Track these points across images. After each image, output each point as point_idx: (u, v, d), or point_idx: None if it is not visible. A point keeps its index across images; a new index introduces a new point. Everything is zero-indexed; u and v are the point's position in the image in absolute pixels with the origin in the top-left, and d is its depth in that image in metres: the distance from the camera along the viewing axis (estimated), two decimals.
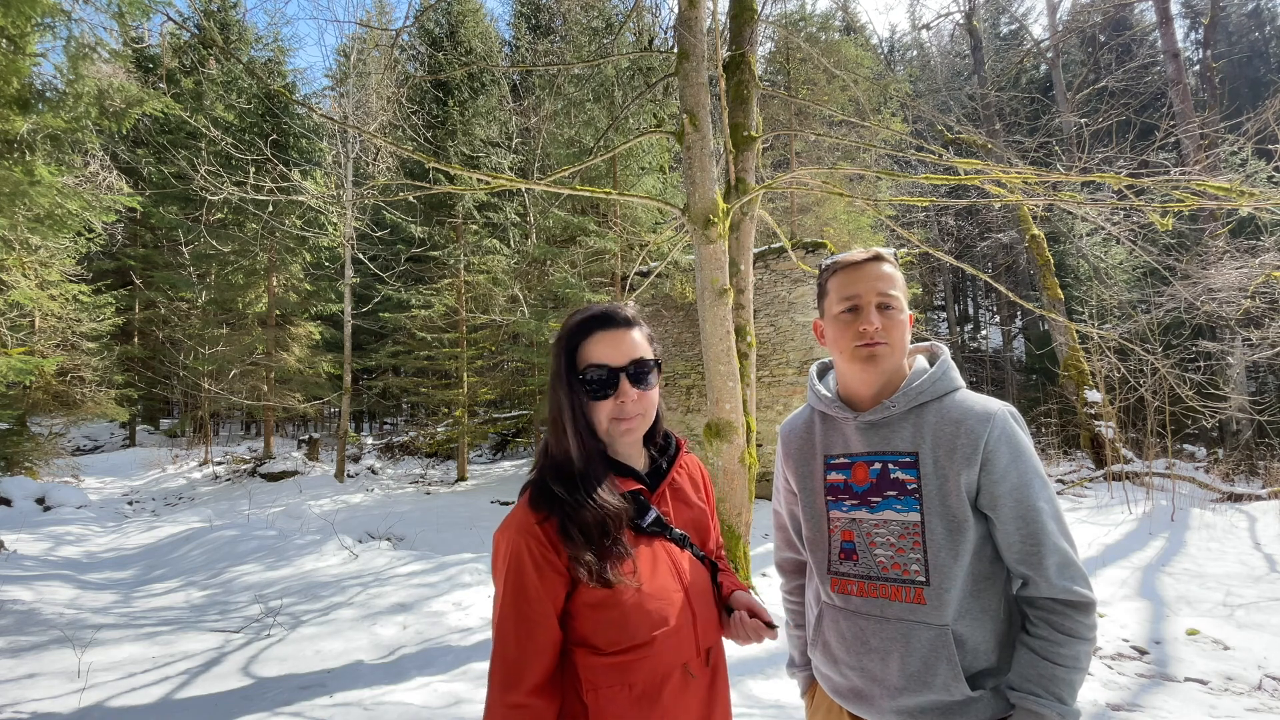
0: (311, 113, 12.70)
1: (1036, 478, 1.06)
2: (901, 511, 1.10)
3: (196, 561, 6.20)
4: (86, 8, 6.35)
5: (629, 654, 0.97)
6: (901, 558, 1.09)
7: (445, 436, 13.69)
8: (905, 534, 1.09)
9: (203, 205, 11.02)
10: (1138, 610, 4.60)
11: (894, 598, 1.09)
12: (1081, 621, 1.02)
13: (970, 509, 1.06)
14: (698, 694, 1.03)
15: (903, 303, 1.15)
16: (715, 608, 1.11)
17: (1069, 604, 1.02)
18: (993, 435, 1.06)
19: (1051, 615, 1.03)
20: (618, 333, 1.03)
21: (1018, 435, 1.08)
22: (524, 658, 0.95)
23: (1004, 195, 4.35)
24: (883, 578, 1.11)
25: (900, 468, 1.11)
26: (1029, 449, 1.08)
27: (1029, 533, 1.04)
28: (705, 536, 1.17)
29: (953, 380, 1.15)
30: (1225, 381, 10.65)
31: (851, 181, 12.99)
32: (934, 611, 1.06)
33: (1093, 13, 16.29)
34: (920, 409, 1.13)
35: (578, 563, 0.95)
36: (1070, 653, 1.01)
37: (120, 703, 3.12)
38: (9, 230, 6.81)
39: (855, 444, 1.18)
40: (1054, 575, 1.03)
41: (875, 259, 1.16)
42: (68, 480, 11.06)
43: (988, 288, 23.85)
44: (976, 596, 1.07)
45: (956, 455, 1.07)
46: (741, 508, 4.50)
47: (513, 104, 12.28)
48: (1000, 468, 1.05)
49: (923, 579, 1.07)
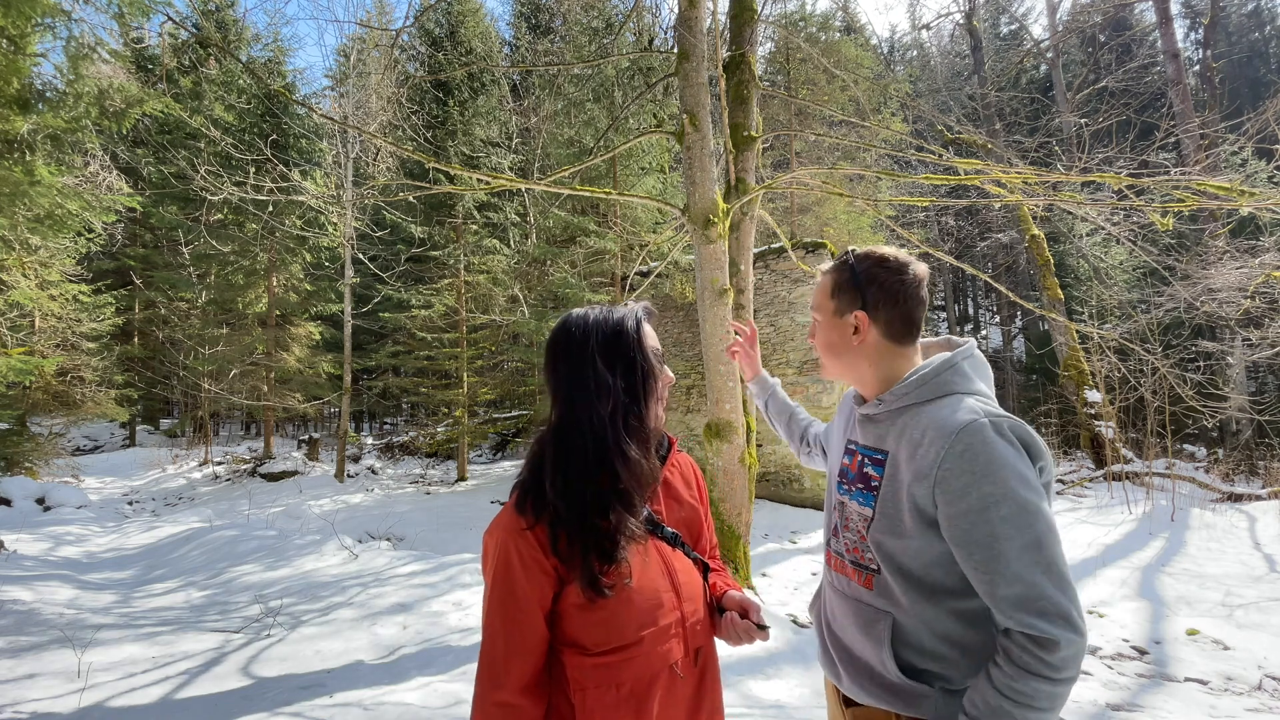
0: (311, 113, 12.71)
1: (1003, 502, 0.96)
2: (862, 505, 1.16)
3: (196, 562, 6.20)
4: (86, 8, 6.35)
5: (617, 654, 0.97)
6: (861, 544, 1.15)
7: (445, 436, 13.69)
8: (863, 525, 1.15)
9: (203, 205, 11.01)
10: (1137, 610, 4.60)
11: (852, 578, 1.17)
12: (1040, 657, 0.92)
13: (915, 522, 1.05)
14: (685, 693, 1.03)
15: (823, 305, 1.24)
16: (706, 608, 1.11)
17: (1027, 637, 0.94)
18: (950, 454, 0.99)
19: (1012, 647, 0.96)
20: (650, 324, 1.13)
21: (985, 454, 0.98)
22: (510, 657, 0.96)
23: (1004, 195, 4.35)
24: (849, 560, 1.19)
25: (873, 464, 1.16)
26: (1001, 468, 0.97)
27: (980, 561, 0.97)
28: (697, 535, 1.18)
29: (942, 385, 1.10)
30: (1225, 381, 10.66)
31: (851, 181, 13.00)
32: (879, 598, 1.11)
33: (1093, 13, 16.29)
34: (904, 411, 1.13)
35: (572, 568, 0.96)
36: (1023, 689, 0.93)
37: (120, 703, 3.12)
38: (9, 230, 6.81)
39: (858, 434, 1.24)
40: (1010, 608, 0.95)
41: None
42: (68, 480, 11.06)
43: (988, 288, 23.85)
44: (932, 602, 1.06)
45: (914, 466, 1.05)
46: (741, 508, 4.50)
47: (513, 104, 12.29)
48: (955, 490, 0.99)
49: (875, 567, 1.12)
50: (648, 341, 1.08)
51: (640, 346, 1.07)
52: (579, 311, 1.08)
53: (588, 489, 0.98)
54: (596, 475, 0.99)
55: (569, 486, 0.98)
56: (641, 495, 1.02)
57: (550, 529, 0.97)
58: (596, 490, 0.99)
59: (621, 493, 0.99)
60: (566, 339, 1.05)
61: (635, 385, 1.05)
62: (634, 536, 0.99)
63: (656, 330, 1.16)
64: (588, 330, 1.05)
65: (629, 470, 1.00)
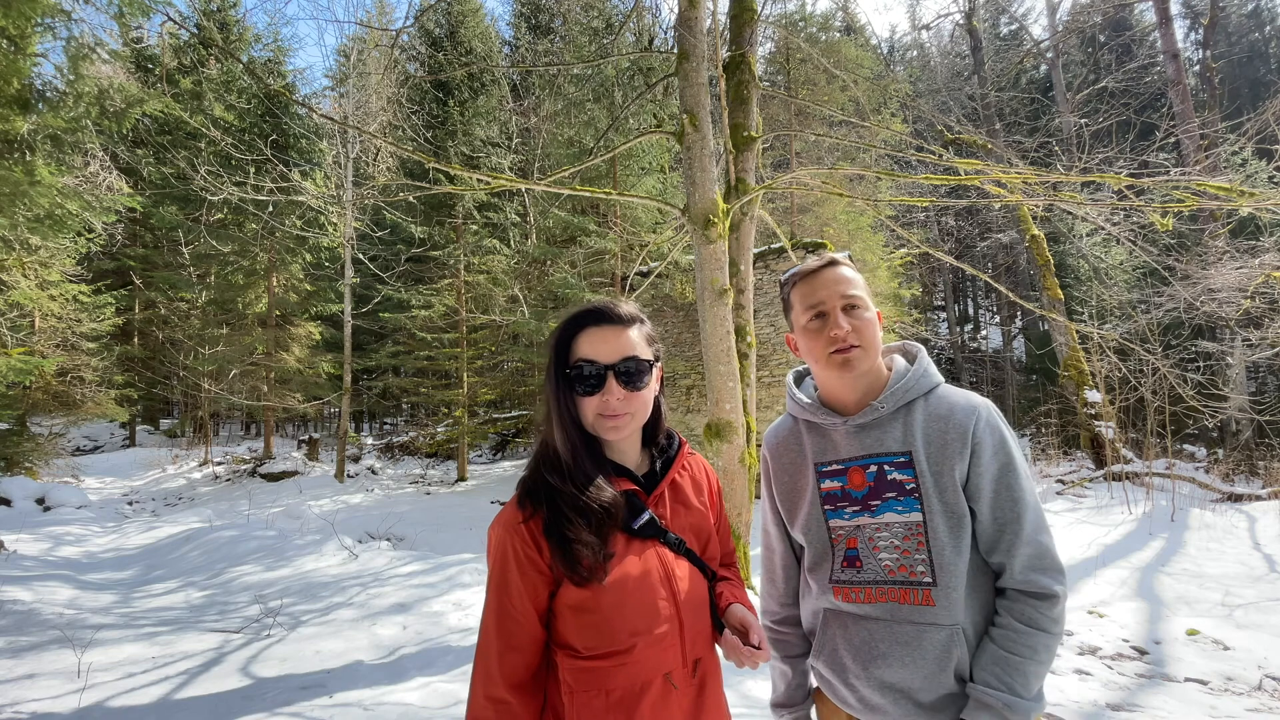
0: (311, 113, 12.70)
1: (1018, 468, 1.08)
2: (903, 512, 1.09)
3: (196, 562, 6.20)
4: (86, 8, 6.36)
5: (607, 659, 0.95)
6: (907, 559, 1.08)
7: (445, 436, 13.69)
8: (909, 535, 1.08)
9: (203, 205, 11.01)
10: (1137, 610, 4.60)
11: (902, 600, 1.08)
12: (1044, 613, 1.02)
13: (965, 502, 1.07)
14: (681, 706, 0.99)
15: (867, 301, 1.15)
16: (708, 617, 1.07)
17: (1033, 594, 1.03)
18: (979, 425, 1.08)
19: (1014, 605, 1.04)
20: (610, 329, 1.02)
21: (1001, 427, 1.10)
22: (503, 653, 0.96)
23: (1004, 195, 4.35)
24: (889, 581, 1.09)
25: (896, 468, 1.10)
26: (1012, 440, 1.10)
27: (1005, 521, 1.05)
28: (706, 541, 1.13)
29: (934, 377, 1.16)
30: (1225, 381, 10.65)
31: (851, 182, 12.99)
32: (943, 612, 1.05)
33: (1093, 13, 16.29)
34: (908, 407, 1.13)
35: (557, 556, 0.95)
36: (1028, 643, 1.01)
37: (120, 703, 3.12)
38: (9, 230, 6.81)
39: (846, 449, 1.16)
40: (1023, 565, 1.04)
41: (830, 264, 1.16)
42: (68, 480, 11.05)
43: (988, 288, 23.85)
44: (974, 590, 1.07)
45: (948, 449, 1.08)
46: (741, 508, 4.49)
47: (513, 104, 12.29)
48: (985, 457, 1.07)
49: (929, 580, 1.06)
50: (577, 346, 1.01)
51: (553, 347, 1.03)
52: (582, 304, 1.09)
53: (561, 475, 1.00)
54: (559, 462, 1.01)
55: (553, 473, 1.01)
56: (585, 517, 0.96)
57: (543, 524, 0.98)
58: (549, 492, 1.00)
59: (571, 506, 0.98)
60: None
61: (548, 386, 1.03)
62: (615, 521, 0.98)
63: (657, 330, 1.13)
64: (558, 325, 1.06)
65: (572, 460, 1.00)
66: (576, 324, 1.03)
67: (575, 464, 1.00)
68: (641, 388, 1.02)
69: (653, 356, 1.06)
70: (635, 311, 1.06)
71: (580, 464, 1.00)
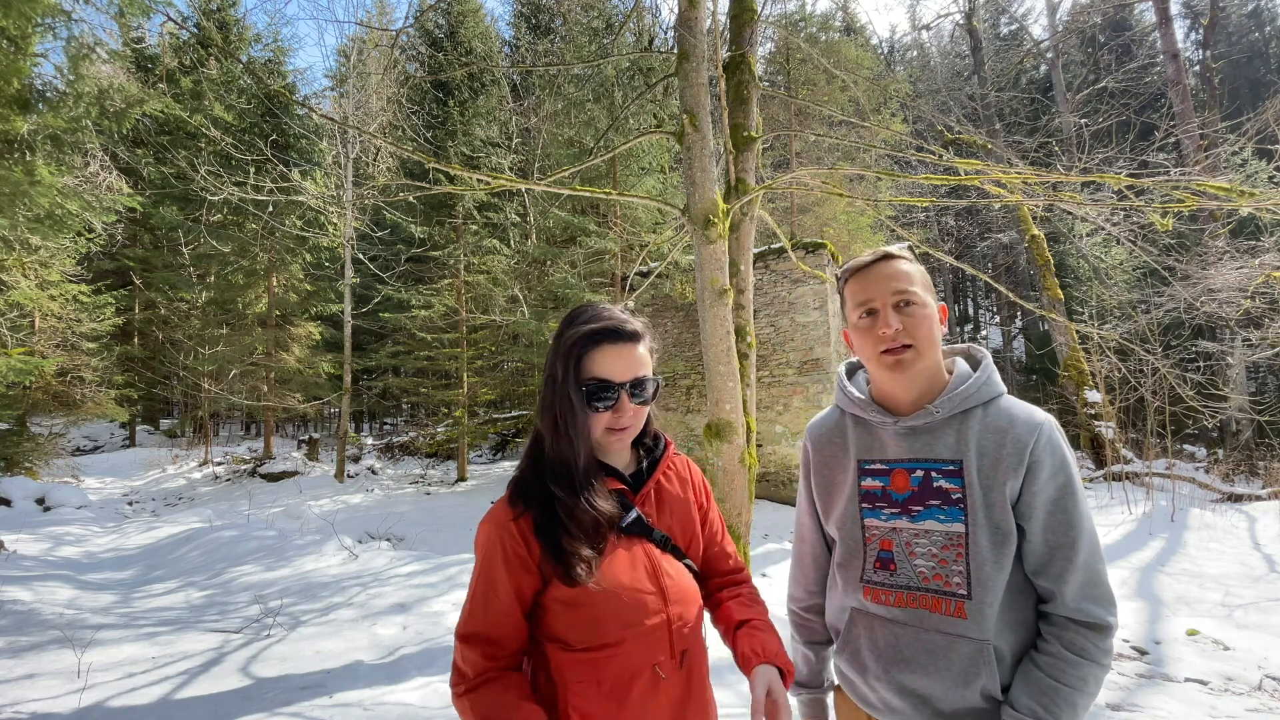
0: (311, 113, 12.70)
1: (1077, 492, 1.02)
2: (945, 521, 1.06)
3: (196, 562, 6.20)
4: (86, 8, 6.36)
5: (599, 651, 0.98)
6: (943, 569, 1.05)
7: (445, 437, 13.69)
8: (948, 545, 1.05)
9: (203, 205, 11.01)
10: (1137, 610, 4.60)
11: (934, 609, 1.05)
12: (1097, 644, 0.98)
13: (1014, 520, 1.03)
14: (669, 695, 1.02)
15: (924, 297, 1.09)
16: (696, 610, 1.09)
17: (1085, 624, 0.99)
18: (1039, 444, 1.02)
19: (1064, 633, 0.99)
20: (625, 347, 1.03)
21: (1062, 447, 1.04)
22: (484, 641, 0.99)
23: (1004, 195, 4.34)
24: (922, 588, 1.07)
25: (944, 476, 1.06)
26: (1072, 463, 1.04)
27: (1059, 545, 1.01)
28: (690, 537, 1.15)
29: (997, 385, 1.10)
30: (1225, 381, 10.65)
31: (851, 182, 12.99)
32: (974, 626, 1.02)
33: (1093, 13, 16.29)
34: (964, 415, 1.08)
35: (549, 559, 0.98)
36: (1079, 674, 0.97)
37: (120, 703, 3.12)
38: (9, 230, 6.81)
39: (893, 449, 1.12)
40: (1076, 593, 0.99)
41: (884, 258, 1.11)
42: (68, 480, 11.05)
43: (988, 288, 23.84)
44: (1010, 608, 1.03)
45: (1002, 464, 1.03)
46: (742, 508, 4.49)
47: (513, 104, 12.27)
48: (1043, 478, 1.01)
49: (964, 592, 1.03)
50: (593, 363, 1.02)
51: (568, 360, 1.02)
52: (583, 305, 1.09)
53: (569, 485, 1.02)
54: (569, 471, 1.02)
55: (558, 481, 1.02)
56: (583, 527, 0.99)
57: (533, 523, 1.00)
58: (546, 497, 1.01)
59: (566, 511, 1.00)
60: (558, 335, 1.07)
61: (560, 398, 1.02)
62: (588, 564, 0.98)
63: (657, 330, 1.14)
64: (566, 329, 1.06)
65: (585, 474, 1.02)
66: (594, 339, 1.03)
67: (584, 477, 1.02)
68: (647, 402, 1.07)
69: (654, 369, 1.10)
70: (642, 326, 1.08)
71: (588, 477, 1.03)
